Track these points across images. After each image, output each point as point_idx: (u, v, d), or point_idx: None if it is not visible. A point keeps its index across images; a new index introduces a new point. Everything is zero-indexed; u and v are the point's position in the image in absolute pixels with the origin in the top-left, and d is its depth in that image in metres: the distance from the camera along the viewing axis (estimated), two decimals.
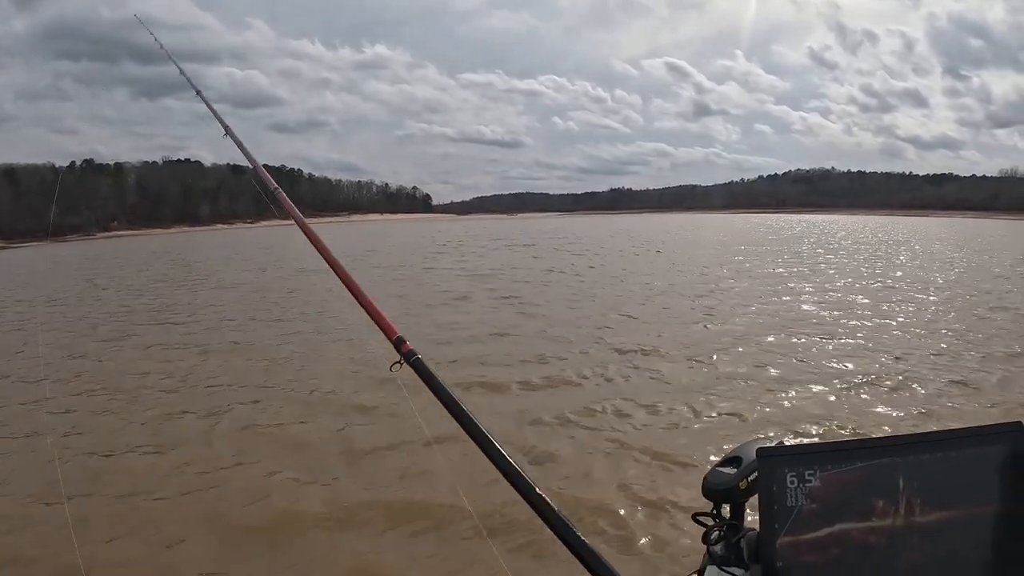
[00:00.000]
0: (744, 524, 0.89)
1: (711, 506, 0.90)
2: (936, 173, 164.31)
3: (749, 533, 0.86)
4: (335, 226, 79.33)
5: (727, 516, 0.90)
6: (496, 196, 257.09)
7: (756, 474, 0.84)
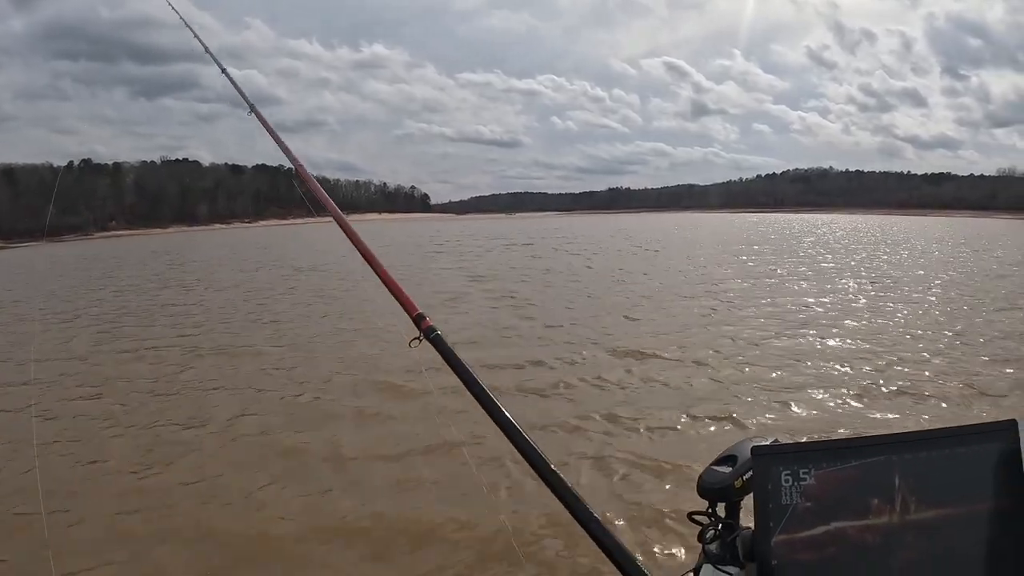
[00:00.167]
0: (739, 523, 0.89)
1: (706, 505, 0.90)
2: (934, 172, 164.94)
3: (744, 531, 0.86)
4: (333, 226, 78.92)
5: (722, 515, 0.90)
6: (494, 196, 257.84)
7: (751, 472, 0.84)
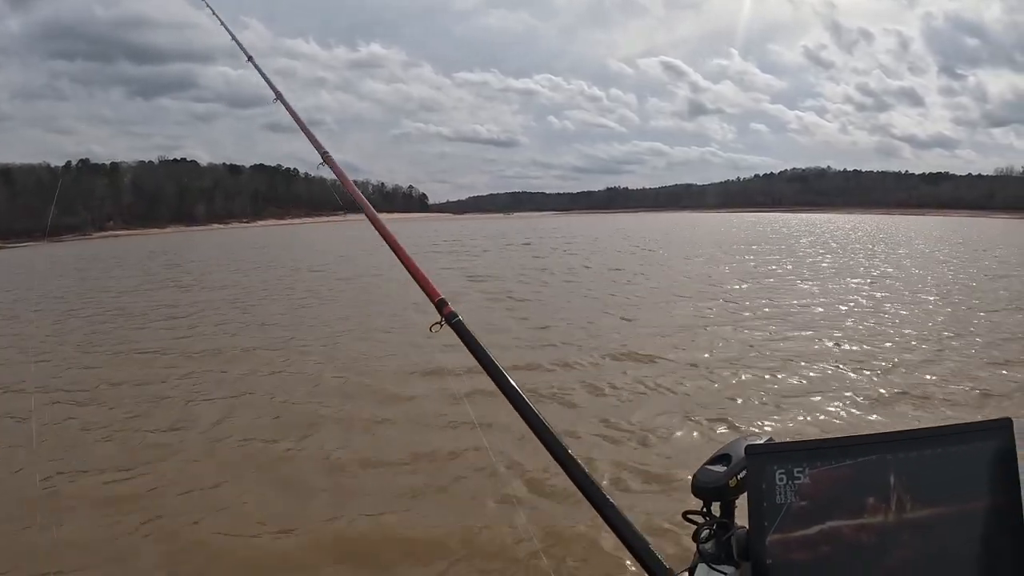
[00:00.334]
0: (734, 522, 0.89)
1: (701, 504, 0.90)
2: (932, 172, 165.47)
3: (739, 531, 0.86)
4: (331, 226, 79.07)
5: (717, 514, 0.89)
6: (492, 195, 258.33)
7: (745, 472, 0.84)
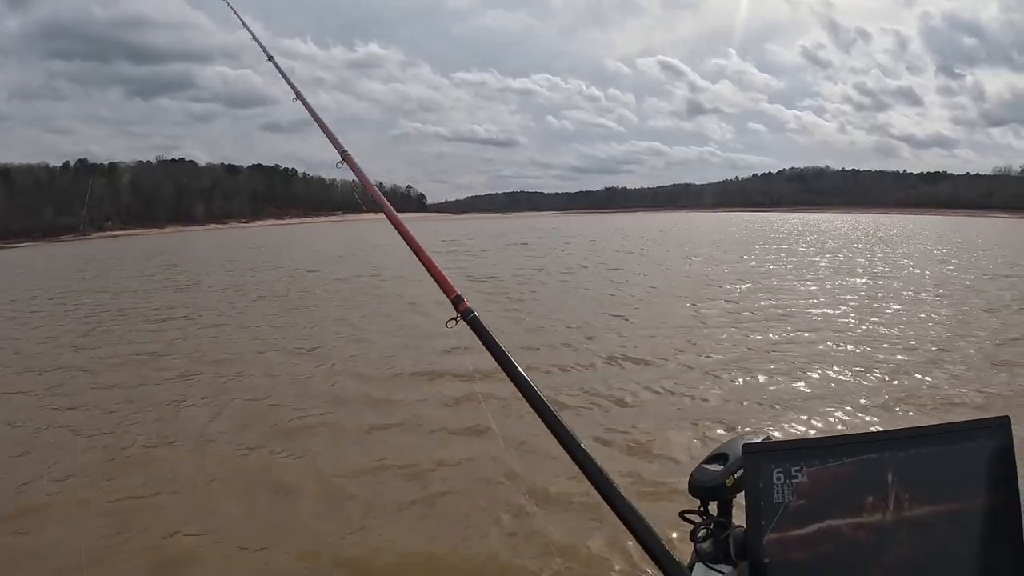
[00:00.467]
0: (731, 521, 0.88)
1: (698, 503, 0.89)
2: (930, 171, 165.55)
3: (736, 530, 0.86)
4: (329, 226, 79.03)
5: (714, 513, 0.89)
6: (490, 195, 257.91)
7: (742, 470, 0.84)
